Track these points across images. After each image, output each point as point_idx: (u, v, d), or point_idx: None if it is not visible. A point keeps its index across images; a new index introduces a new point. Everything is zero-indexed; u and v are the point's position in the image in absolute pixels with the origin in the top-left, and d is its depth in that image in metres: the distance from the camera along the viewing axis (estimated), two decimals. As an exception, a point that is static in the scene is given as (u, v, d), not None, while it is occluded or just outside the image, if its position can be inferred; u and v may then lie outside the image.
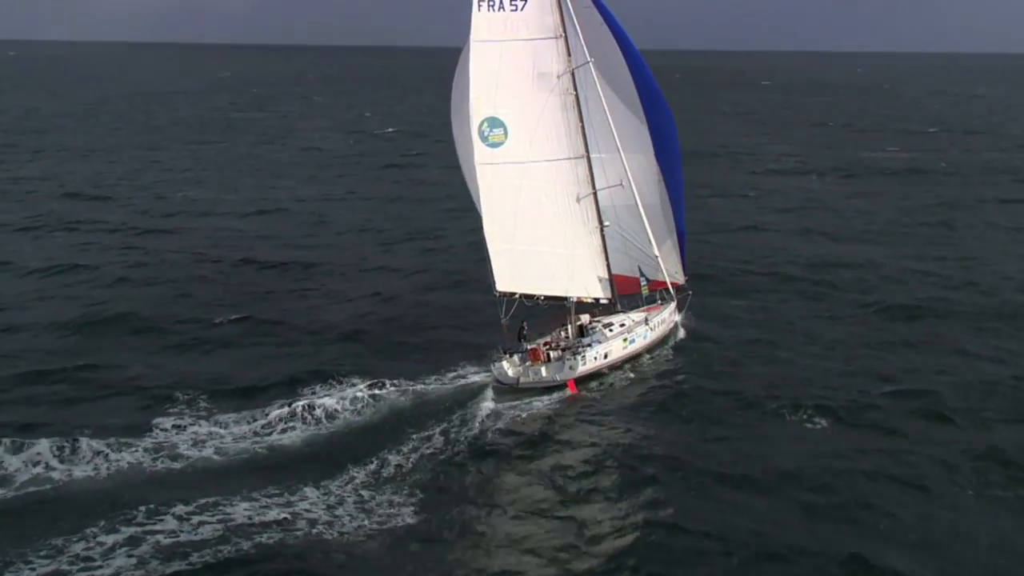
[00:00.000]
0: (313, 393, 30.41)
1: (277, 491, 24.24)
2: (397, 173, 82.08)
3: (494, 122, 32.81)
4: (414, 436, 27.47)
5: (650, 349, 34.57)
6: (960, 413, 29.32)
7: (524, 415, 29.30)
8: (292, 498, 24.05)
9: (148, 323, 38.68)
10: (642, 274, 34.91)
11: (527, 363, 31.74)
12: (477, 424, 28.26)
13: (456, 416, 28.76)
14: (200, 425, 28.47)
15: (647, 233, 34.60)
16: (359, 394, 30.16)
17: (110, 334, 37.54)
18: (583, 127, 33.32)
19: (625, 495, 24.44)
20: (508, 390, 30.75)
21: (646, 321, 34.11)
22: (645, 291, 34.86)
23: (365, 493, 24.35)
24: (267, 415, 28.86)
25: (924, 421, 28.98)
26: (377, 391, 30.38)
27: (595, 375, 32.25)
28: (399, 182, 76.99)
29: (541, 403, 30.29)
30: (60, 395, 31.33)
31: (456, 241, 53.39)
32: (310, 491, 24.40)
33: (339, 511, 23.43)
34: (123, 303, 41.40)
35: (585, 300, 33.91)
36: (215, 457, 26.45)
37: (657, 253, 35.01)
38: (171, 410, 29.54)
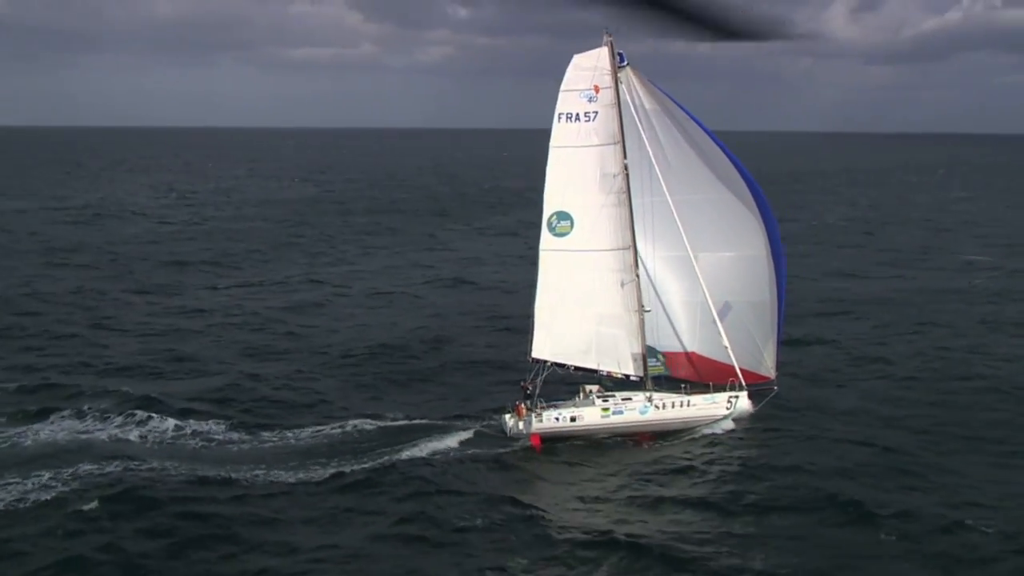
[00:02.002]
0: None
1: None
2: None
3: (562, 215, 38.36)
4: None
5: (686, 428, 37.29)
6: None
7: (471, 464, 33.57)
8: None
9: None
10: (653, 353, 38.19)
11: (515, 418, 35.90)
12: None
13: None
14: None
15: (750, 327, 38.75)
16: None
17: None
18: (630, 219, 38.01)
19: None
20: (504, 438, 35.68)
21: (649, 399, 37.12)
22: (660, 369, 38.03)
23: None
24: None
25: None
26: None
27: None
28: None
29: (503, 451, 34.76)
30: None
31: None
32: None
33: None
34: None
35: (616, 375, 37.91)
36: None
37: (759, 345, 38.81)
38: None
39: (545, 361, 37.69)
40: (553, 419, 35.56)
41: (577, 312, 38.02)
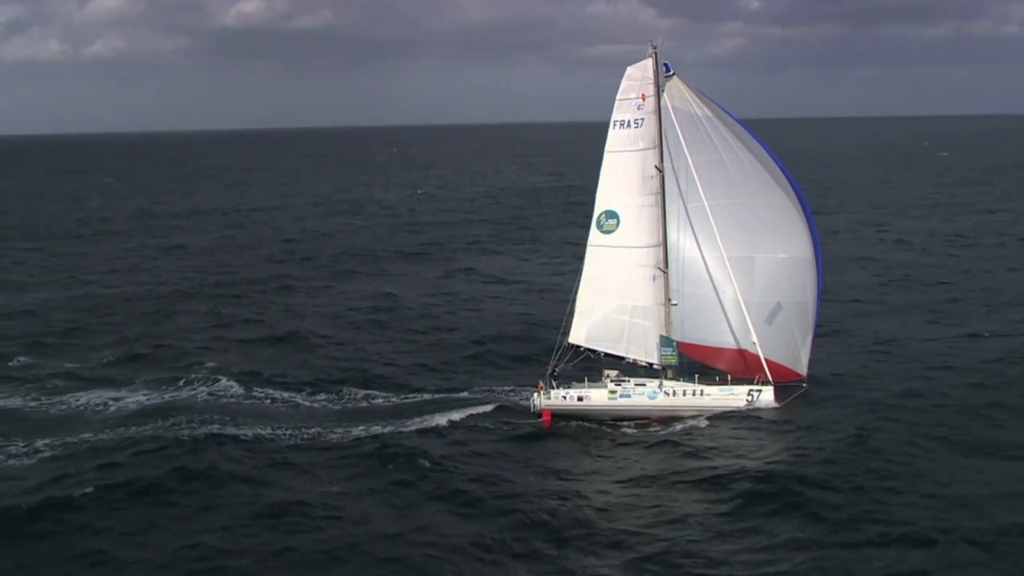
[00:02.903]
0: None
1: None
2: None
3: (611, 214, 41.89)
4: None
5: (697, 415, 39.08)
6: None
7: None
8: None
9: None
10: (672, 344, 40.47)
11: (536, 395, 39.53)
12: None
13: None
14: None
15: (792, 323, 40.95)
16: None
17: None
18: (663, 219, 40.87)
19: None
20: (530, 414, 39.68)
21: (660, 385, 39.63)
22: (673, 359, 40.33)
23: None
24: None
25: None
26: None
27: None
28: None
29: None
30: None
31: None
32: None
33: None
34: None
35: (640, 363, 40.83)
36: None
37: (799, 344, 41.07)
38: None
39: (579, 346, 41.44)
40: (561, 397, 39.24)
41: (614, 303, 41.41)
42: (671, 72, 41.47)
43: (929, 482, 32.23)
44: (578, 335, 41.60)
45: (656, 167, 40.95)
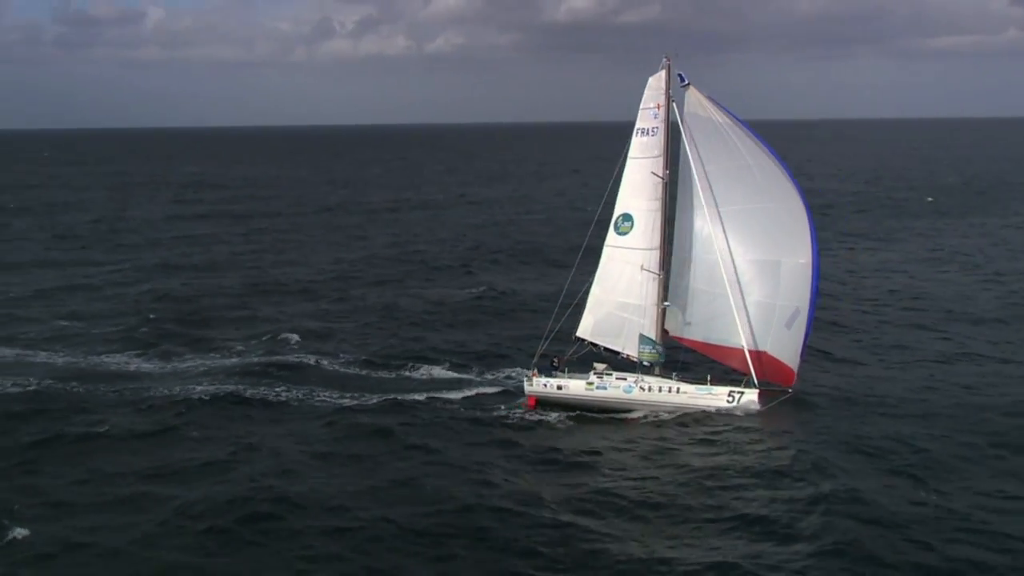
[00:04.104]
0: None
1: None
2: None
3: (627, 217, 44.69)
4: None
5: (673, 411, 41.33)
6: None
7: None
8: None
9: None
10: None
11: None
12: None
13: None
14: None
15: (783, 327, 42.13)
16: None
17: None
18: (663, 223, 43.05)
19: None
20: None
21: (636, 381, 41.80)
22: (655, 356, 42.29)
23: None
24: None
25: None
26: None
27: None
28: None
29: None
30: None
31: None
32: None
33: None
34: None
35: (632, 358, 43.21)
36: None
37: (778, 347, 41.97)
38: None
39: (584, 340, 44.76)
40: (542, 385, 42.86)
41: (618, 301, 44.24)
42: (686, 82, 43.19)
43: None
44: (585, 329, 44.94)
45: (654, 173, 43.11)
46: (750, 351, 42.63)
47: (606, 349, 44.51)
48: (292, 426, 40.57)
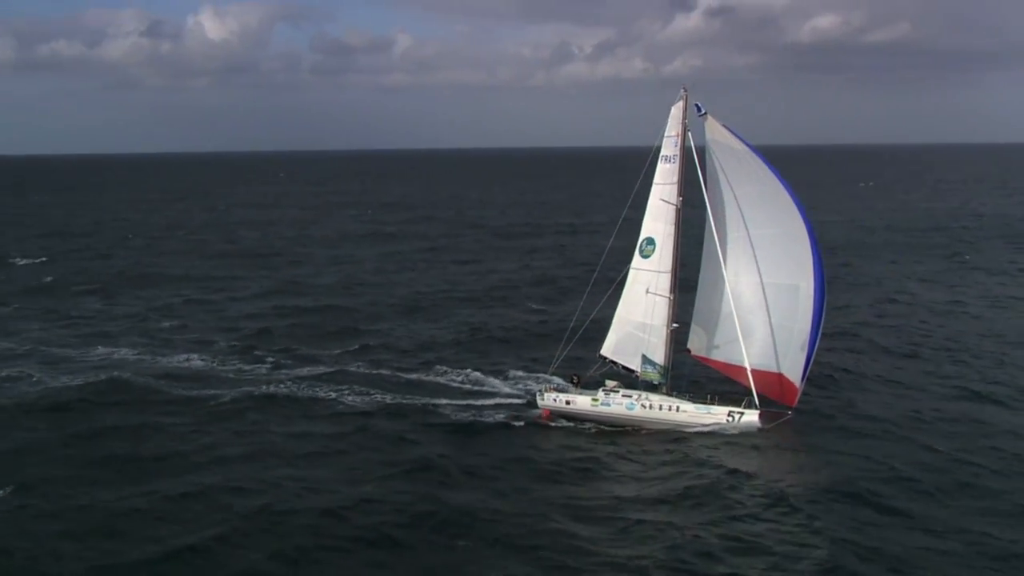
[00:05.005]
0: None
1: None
2: None
3: (650, 241, 46.82)
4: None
5: (677, 429, 42.88)
6: None
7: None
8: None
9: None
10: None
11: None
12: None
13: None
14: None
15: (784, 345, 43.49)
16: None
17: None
18: (674, 248, 44.86)
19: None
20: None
21: (639, 399, 43.66)
22: (656, 376, 43.74)
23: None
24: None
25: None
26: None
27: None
28: None
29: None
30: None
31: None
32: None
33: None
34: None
35: (642, 376, 44.98)
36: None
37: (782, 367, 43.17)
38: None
39: (606, 358, 47.08)
40: (552, 399, 45.49)
41: (636, 321, 46.28)
42: (703, 112, 44.80)
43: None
44: (608, 347, 47.30)
45: (662, 199, 45.07)
46: (771, 373, 43.64)
47: (624, 368, 46.67)
48: (303, 426, 45.17)
